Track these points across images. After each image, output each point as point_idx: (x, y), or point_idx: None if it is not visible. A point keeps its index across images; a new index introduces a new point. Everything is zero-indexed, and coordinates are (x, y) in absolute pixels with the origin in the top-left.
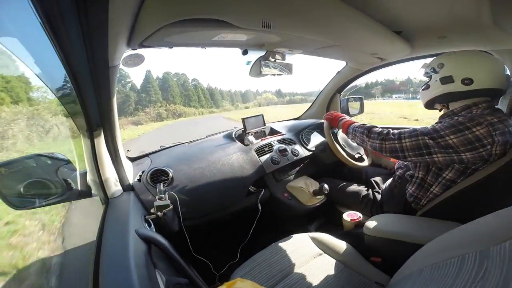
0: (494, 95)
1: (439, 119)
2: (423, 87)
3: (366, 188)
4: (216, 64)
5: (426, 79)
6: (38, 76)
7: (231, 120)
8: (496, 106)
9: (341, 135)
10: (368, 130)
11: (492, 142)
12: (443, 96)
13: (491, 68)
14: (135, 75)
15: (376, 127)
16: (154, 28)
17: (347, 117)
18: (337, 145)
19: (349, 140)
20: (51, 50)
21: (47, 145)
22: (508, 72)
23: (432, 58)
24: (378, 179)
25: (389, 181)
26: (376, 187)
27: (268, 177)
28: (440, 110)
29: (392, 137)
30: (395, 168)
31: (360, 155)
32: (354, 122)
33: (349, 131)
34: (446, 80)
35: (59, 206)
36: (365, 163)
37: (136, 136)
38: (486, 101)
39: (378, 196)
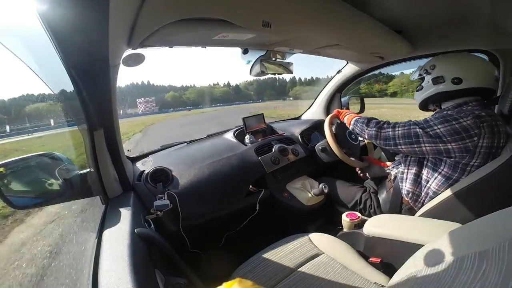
0: (484, 94)
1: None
2: (417, 89)
3: (365, 188)
4: None
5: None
6: (38, 76)
7: None
8: (496, 108)
9: (340, 134)
10: (368, 120)
11: (479, 133)
12: (435, 96)
13: (480, 68)
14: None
15: (376, 119)
16: (155, 27)
17: (354, 113)
18: (337, 145)
19: (349, 140)
20: (52, 49)
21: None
22: (496, 74)
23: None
24: (376, 179)
25: (386, 181)
26: (375, 187)
27: (268, 177)
28: (433, 111)
29: (387, 126)
30: (390, 168)
31: (349, 152)
32: (359, 116)
33: (351, 123)
34: (437, 80)
35: (60, 205)
36: (365, 163)
37: None
38: (476, 100)
39: (377, 197)
